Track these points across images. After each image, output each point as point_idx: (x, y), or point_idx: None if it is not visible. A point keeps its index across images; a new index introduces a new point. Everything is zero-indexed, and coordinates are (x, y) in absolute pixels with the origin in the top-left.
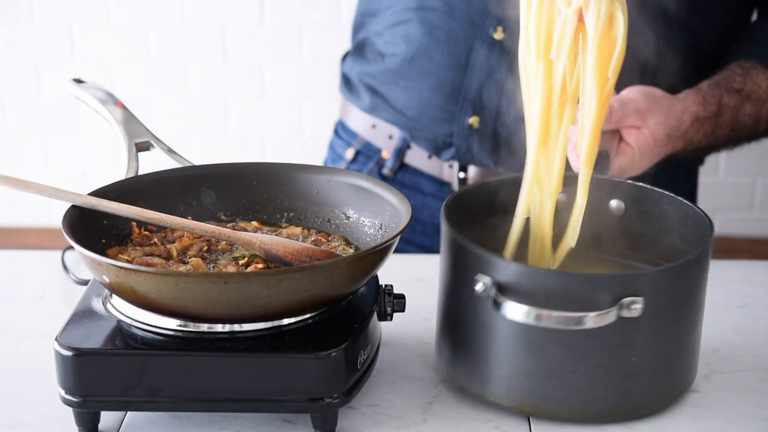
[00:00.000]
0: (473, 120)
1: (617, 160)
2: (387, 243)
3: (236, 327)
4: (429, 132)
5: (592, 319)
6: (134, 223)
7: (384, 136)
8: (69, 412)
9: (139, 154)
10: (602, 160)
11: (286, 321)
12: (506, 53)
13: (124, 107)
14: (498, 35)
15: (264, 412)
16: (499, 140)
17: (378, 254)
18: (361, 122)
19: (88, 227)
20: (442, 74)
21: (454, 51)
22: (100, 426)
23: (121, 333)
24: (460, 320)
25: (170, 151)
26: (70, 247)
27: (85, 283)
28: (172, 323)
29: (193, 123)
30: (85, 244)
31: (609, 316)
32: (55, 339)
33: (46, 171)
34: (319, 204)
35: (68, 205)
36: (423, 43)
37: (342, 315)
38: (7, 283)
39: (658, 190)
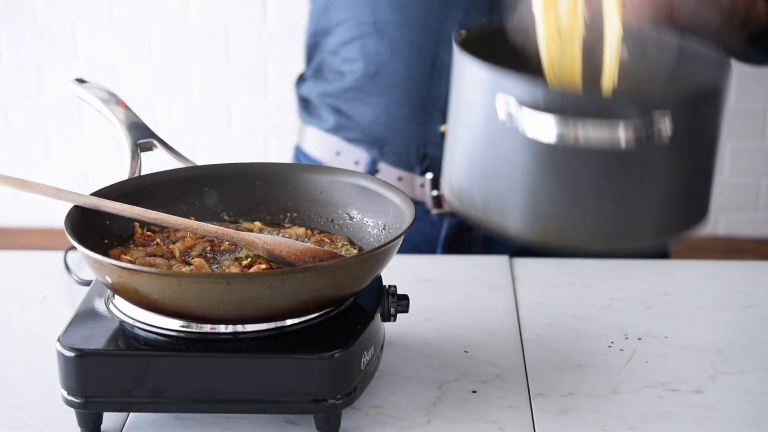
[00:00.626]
0: (445, 127)
1: None
2: (390, 243)
3: (239, 328)
4: (400, 146)
5: (622, 135)
6: (137, 224)
7: (350, 163)
8: (71, 413)
9: (142, 154)
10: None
11: (289, 322)
12: None
13: (126, 107)
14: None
15: (267, 413)
16: None
17: (381, 255)
18: (323, 148)
19: (91, 228)
20: (408, 85)
21: (418, 60)
22: (103, 427)
23: (124, 334)
24: (479, 151)
25: (173, 151)
26: (73, 248)
27: (87, 283)
28: (174, 324)
29: (196, 123)
30: (87, 245)
31: (639, 133)
32: (58, 340)
33: (48, 171)
34: (323, 204)
35: (70, 205)
36: (384, 56)
37: (345, 316)
38: (9, 283)
39: (665, 32)
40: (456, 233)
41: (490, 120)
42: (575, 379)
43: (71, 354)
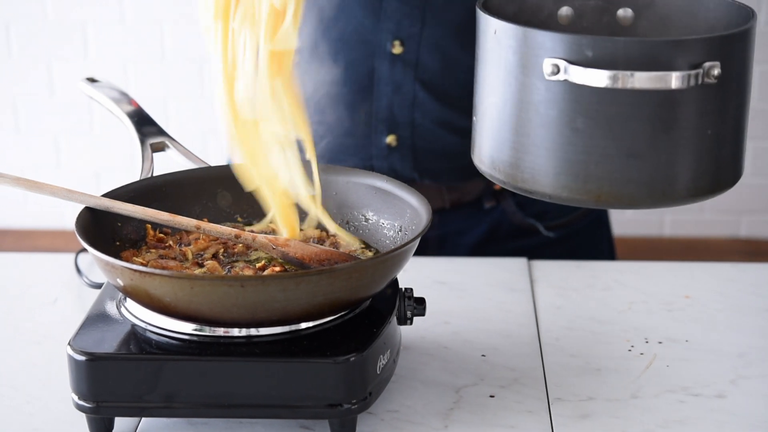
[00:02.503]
0: (390, 139)
1: None
2: (407, 245)
3: (253, 331)
4: (347, 162)
5: (674, 81)
6: (149, 225)
7: None
8: (82, 418)
9: (154, 154)
10: None
11: (303, 325)
12: (408, 65)
13: (138, 107)
14: (396, 50)
15: (281, 418)
16: (419, 151)
17: (398, 257)
18: None
19: (102, 229)
20: (348, 102)
21: (355, 76)
22: None
23: (136, 337)
24: (522, 114)
25: (185, 152)
26: (84, 250)
27: (98, 286)
28: (187, 327)
29: (209, 123)
30: (98, 247)
31: (692, 79)
32: (68, 343)
33: (58, 172)
34: (338, 206)
35: (81, 206)
36: (318, 78)
37: (361, 319)
38: (19, 286)
39: None
40: None
41: (535, 83)
42: (595, 383)
43: (82, 358)
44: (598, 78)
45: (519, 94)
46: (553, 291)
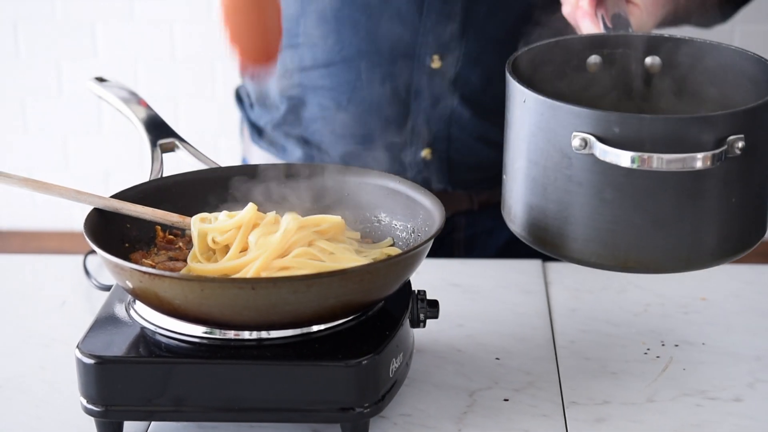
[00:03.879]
0: (426, 152)
1: (631, 21)
2: (420, 247)
3: (264, 334)
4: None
5: (701, 160)
6: (158, 227)
7: None
8: (91, 422)
9: (164, 155)
10: (620, 21)
11: (315, 328)
12: (447, 80)
13: (148, 107)
14: (435, 64)
15: (292, 422)
16: (453, 164)
17: (410, 259)
18: None
19: (111, 231)
20: (384, 114)
21: (393, 91)
22: None
23: (145, 340)
24: (551, 183)
25: (196, 152)
26: (92, 252)
27: (107, 288)
28: (197, 330)
29: (220, 123)
30: (107, 249)
31: (717, 156)
32: (77, 346)
33: (67, 173)
34: (350, 207)
35: (90, 208)
36: (356, 86)
37: (373, 321)
38: (27, 288)
39: (699, 39)
40: (437, 237)
41: (563, 154)
42: (610, 386)
43: (91, 361)
44: (625, 158)
45: (548, 162)
46: (568, 293)
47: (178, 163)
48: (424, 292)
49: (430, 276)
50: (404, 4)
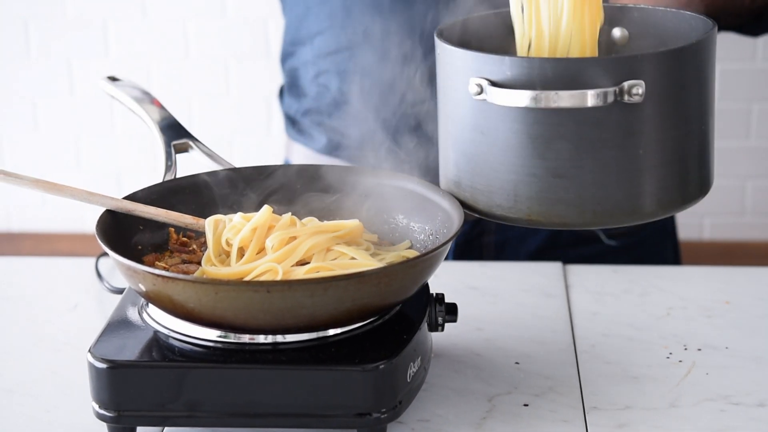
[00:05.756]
0: None
1: None
2: (438, 249)
3: (279, 338)
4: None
5: (591, 98)
6: (172, 229)
7: None
8: (103, 427)
9: (177, 155)
10: None
11: (331, 332)
12: None
13: (161, 106)
14: None
15: (308, 427)
16: None
17: (428, 261)
18: None
19: (124, 233)
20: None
21: (413, 68)
22: None
23: (158, 344)
24: (459, 134)
25: (210, 153)
26: (105, 254)
27: (120, 291)
28: (211, 334)
29: (234, 123)
30: (120, 251)
31: (609, 96)
32: (89, 350)
33: (79, 174)
34: (367, 208)
35: (102, 209)
36: (376, 67)
37: (391, 325)
38: (38, 291)
39: (663, 8)
40: (466, 240)
41: (467, 103)
42: (632, 391)
43: (103, 365)
44: (516, 98)
45: (455, 112)
46: (589, 296)
47: (192, 164)
48: (443, 295)
49: (448, 279)
50: None
